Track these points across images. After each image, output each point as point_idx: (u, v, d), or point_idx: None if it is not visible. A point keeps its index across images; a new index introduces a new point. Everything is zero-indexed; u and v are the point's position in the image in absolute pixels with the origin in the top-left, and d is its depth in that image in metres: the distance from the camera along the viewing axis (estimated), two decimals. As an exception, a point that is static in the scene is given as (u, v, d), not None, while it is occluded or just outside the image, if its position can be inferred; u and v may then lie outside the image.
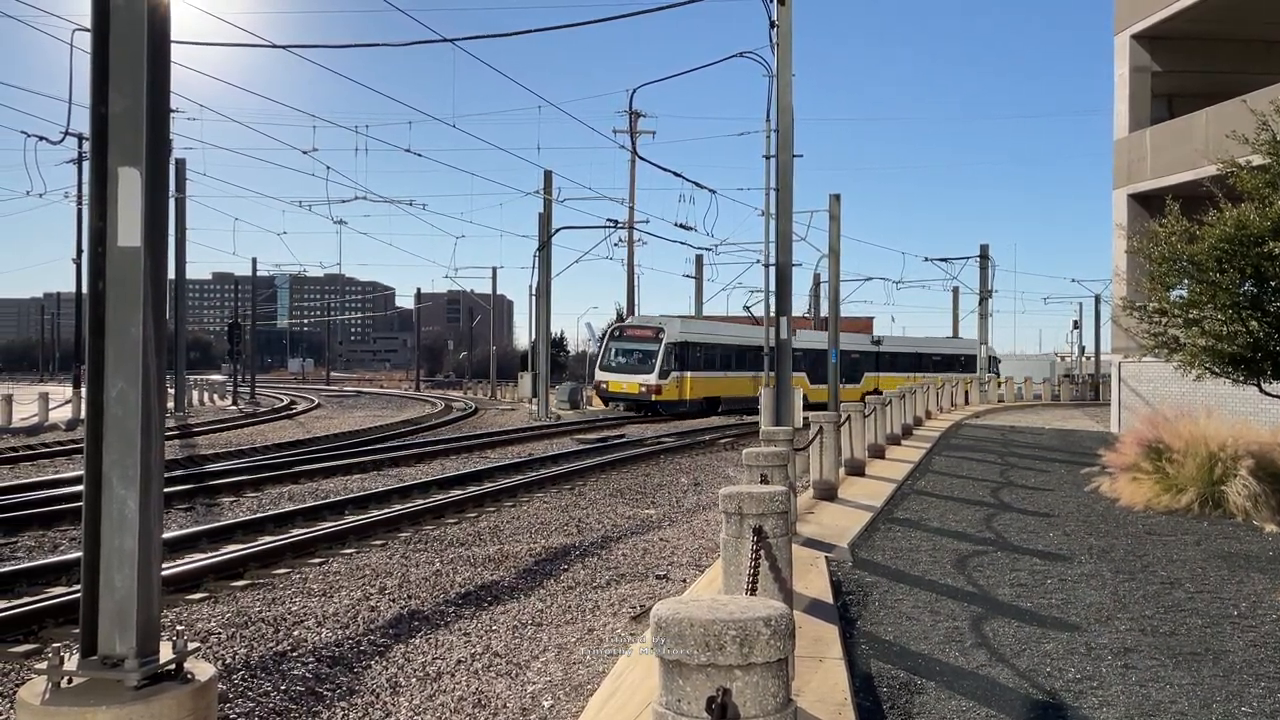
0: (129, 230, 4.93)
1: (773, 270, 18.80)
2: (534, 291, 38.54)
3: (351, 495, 14.23)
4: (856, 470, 13.34)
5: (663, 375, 35.85)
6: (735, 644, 1.85)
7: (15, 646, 6.91)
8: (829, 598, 6.40)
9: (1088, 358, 66.71)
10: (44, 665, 4.85)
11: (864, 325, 67.72)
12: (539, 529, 11.96)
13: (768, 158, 19.91)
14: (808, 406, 38.01)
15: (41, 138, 21.22)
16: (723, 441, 24.81)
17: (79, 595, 5.21)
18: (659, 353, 36.08)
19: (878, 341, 50.78)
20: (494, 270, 50.36)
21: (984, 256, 50.85)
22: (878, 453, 15.70)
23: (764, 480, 5.76)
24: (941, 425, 24.86)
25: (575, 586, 8.96)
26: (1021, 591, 6.98)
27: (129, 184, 4.93)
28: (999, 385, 45.34)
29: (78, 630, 5.18)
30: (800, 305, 56.20)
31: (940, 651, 5.45)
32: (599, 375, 38.02)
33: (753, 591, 3.05)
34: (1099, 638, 5.78)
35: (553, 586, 8.96)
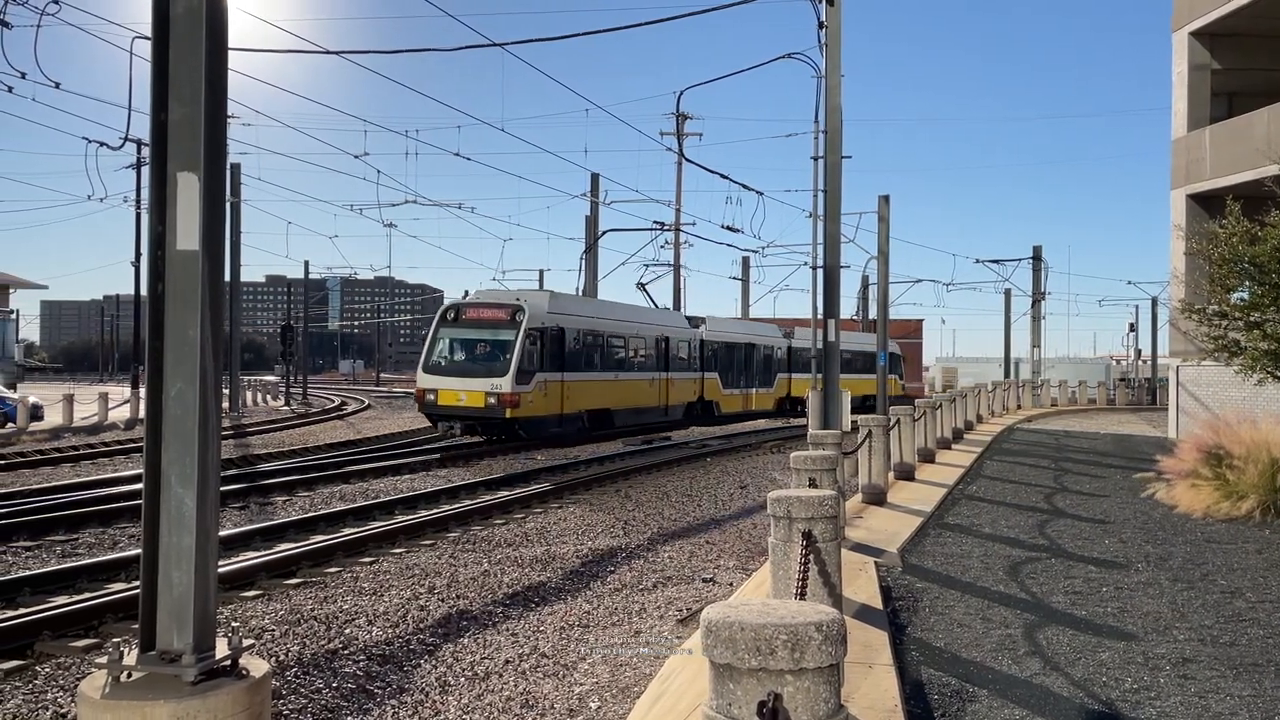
0: (187, 234, 5.04)
1: (820, 272, 18.66)
2: (581, 293, 38.18)
3: (401, 495, 14.39)
4: (906, 475, 13.19)
5: (522, 378, 22.70)
6: (786, 649, 1.84)
7: (76, 641, 7.08)
8: (878, 603, 6.34)
9: (1144, 361, 65.33)
10: (104, 660, 4.97)
11: (913, 328, 67.02)
12: (585, 530, 11.99)
13: (816, 159, 19.78)
14: (714, 417, 33.05)
15: (102, 144, 21.72)
16: (769, 444, 24.69)
17: (138, 591, 5.34)
18: (515, 344, 22.81)
19: (789, 334, 41.26)
20: (541, 273, 50.63)
21: (1037, 258, 50.06)
22: (927, 457, 15.51)
23: (812, 484, 5.72)
24: (993, 429, 24.50)
25: (622, 589, 8.97)
26: (1076, 599, 6.85)
27: (188, 189, 5.04)
28: (1048, 388, 44.14)
29: (136, 625, 5.30)
30: (848, 307, 55.35)
31: (993, 659, 5.36)
32: (422, 379, 23.66)
33: (802, 596, 3.02)
34: (1156, 647, 5.65)
35: (599, 588, 8.98)
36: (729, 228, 32.20)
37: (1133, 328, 67.58)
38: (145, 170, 35.88)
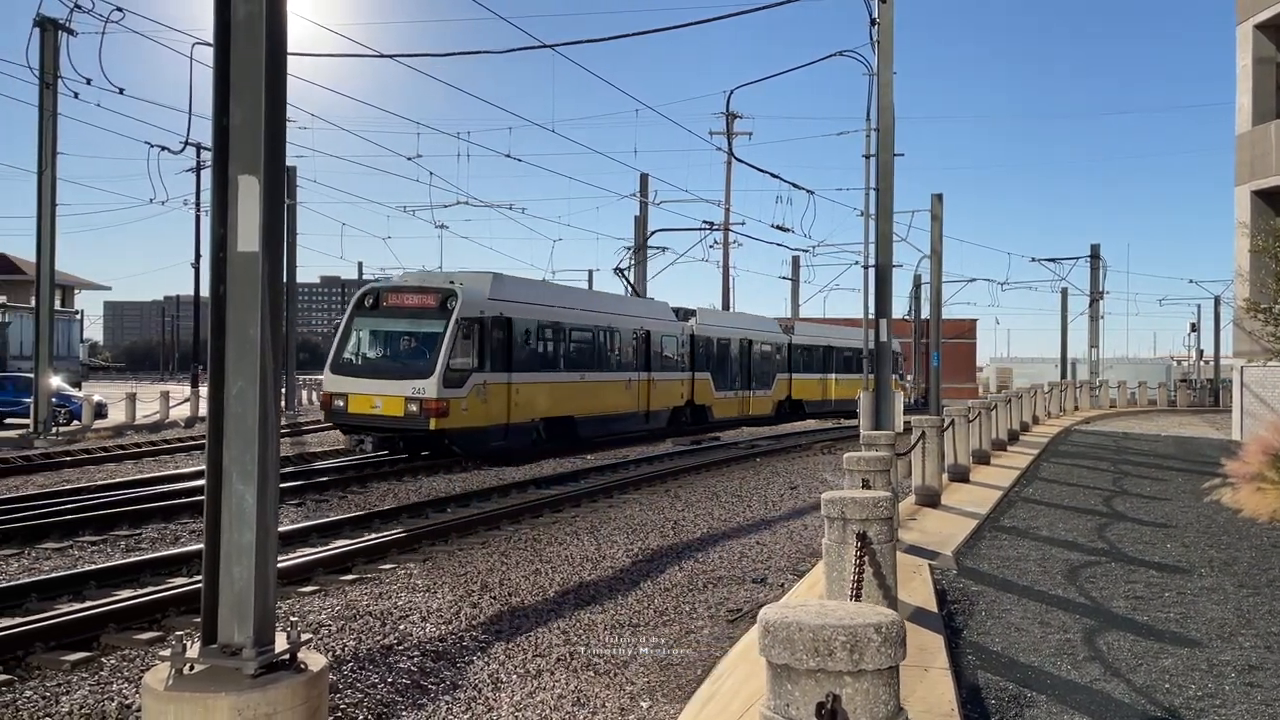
0: (248, 236, 5.14)
1: (872, 272, 18.49)
2: (629, 294, 38.10)
3: (453, 493, 14.53)
4: (960, 476, 13.01)
5: (452, 379, 18.51)
6: (845, 650, 1.82)
7: (140, 634, 7.25)
8: (933, 606, 6.26)
9: (1206, 362, 63.74)
10: (167, 653, 5.08)
11: (966, 327, 66.06)
12: (635, 530, 12.01)
13: (868, 157, 19.60)
14: (703, 420, 29.43)
15: (164, 148, 22.25)
16: (819, 445, 24.51)
17: (199, 585, 5.45)
18: (443, 337, 18.58)
19: (789, 329, 37.31)
20: (590, 273, 50.92)
21: (1095, 256, 49.11)
22: (982, 459, 15.29)
23: (865, 485, 5.67)
24: (1050, 431, 24.07)
25: (672, 588, 8.96)
26: (1137, 604, 6.70)
27: (248, 192, 5.14)
28: (1106, 389, 43.12)
29: (197, 619, 5.42)
30: (900, 307, 54.51)
31: (1051, 664, 5.27)
32: (329, 381, 19.42)
33: (857, 598, 3.00)
34: (1221, 654, 5.51)
35: (649, 588, 8.98)
36: (779, 227, 31.64)
37: (1194, 327, 65.98)
38: (205, 173, 36.54)
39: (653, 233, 38.22)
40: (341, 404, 18.85)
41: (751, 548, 10.98)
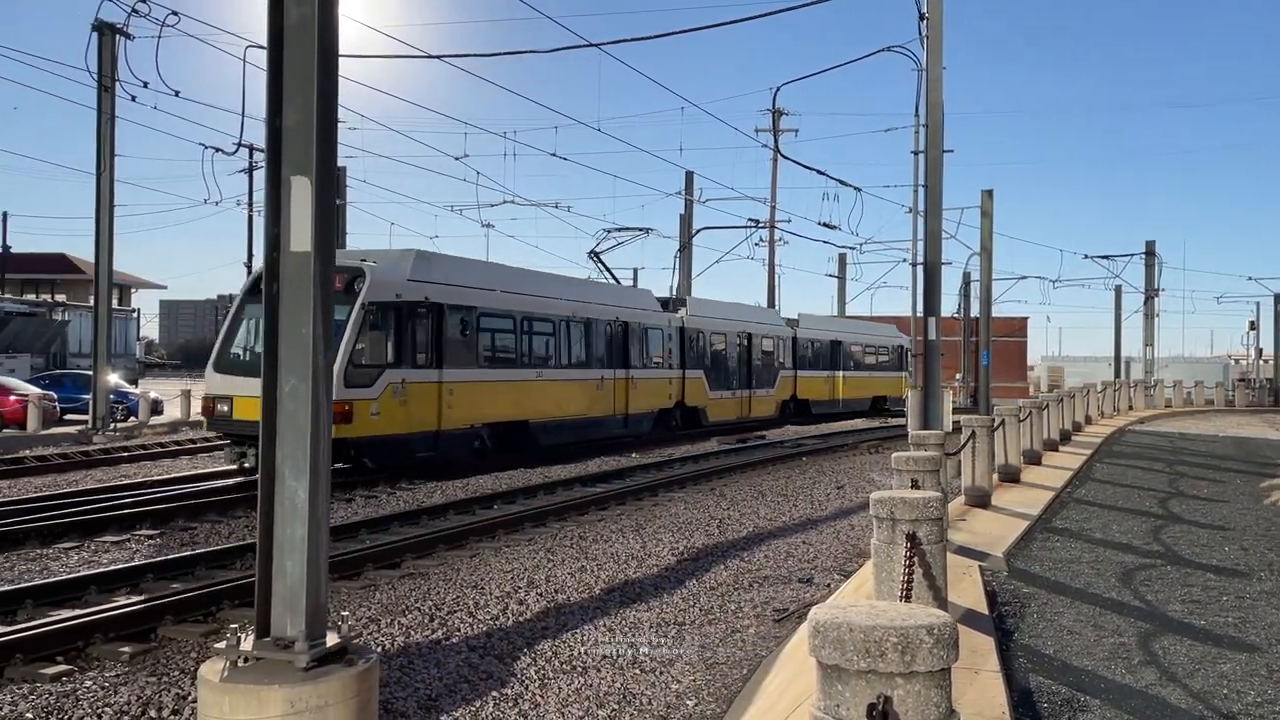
0: (300, 236, 5.22)
1: (920, 269, 18.29)
2: (674, 292, 38.01)
3: (499, 490, 14.64)
4: (1011, 477, 12.83)
5: (357, 379, 15.36)
6: (896, 651, 1.81)
7: (195, 625, 7.41)
8: (984, 608, 6.18)
9: (1266, 360, 62.16)
10: (222, 645, 5.18)
11: (1017, 326, 65.09)
12: (680, 528, 12.00)
13: (916, 154, 19.39)
14: (695, 424, 26.51)
15: (217, 149, 22.70)
16: (866, 444, 24.30)
17: (253, 578, 5.55)
18: (345, 326, 15.22)
19: (795, 323, 34.35)
20: (635, 271, 50.82)
21: (1150, 253, 48.13)
22: (1033, 459, 15.05)
23: (914, 485, 5.61)
24: (1103, 431, 23.64)
25: (717, 587, 8.94)
26: (1194, 608, 6.56)
27: (301, 192, 5.22)
28: (1161, 389, 42.11)
29: (250, 611, 5.52)
30: (949, 305, 53.70)
31: (1105, 668, 5.18)
32: (212, 381, 16.25)
33: (907, 599, 2.97)
34: (1283, 661, 5.37)
35: (695, 586, 8.97)
36: (826, 224, 31.29)
37: (1253, 325, 64.33)
38: (257, 174, 37.12)
39: (698, 231, 38.19)
40: (226, 409, 15.47)
41: (797, 547, 10.93)
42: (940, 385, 17.19)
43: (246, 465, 15.42)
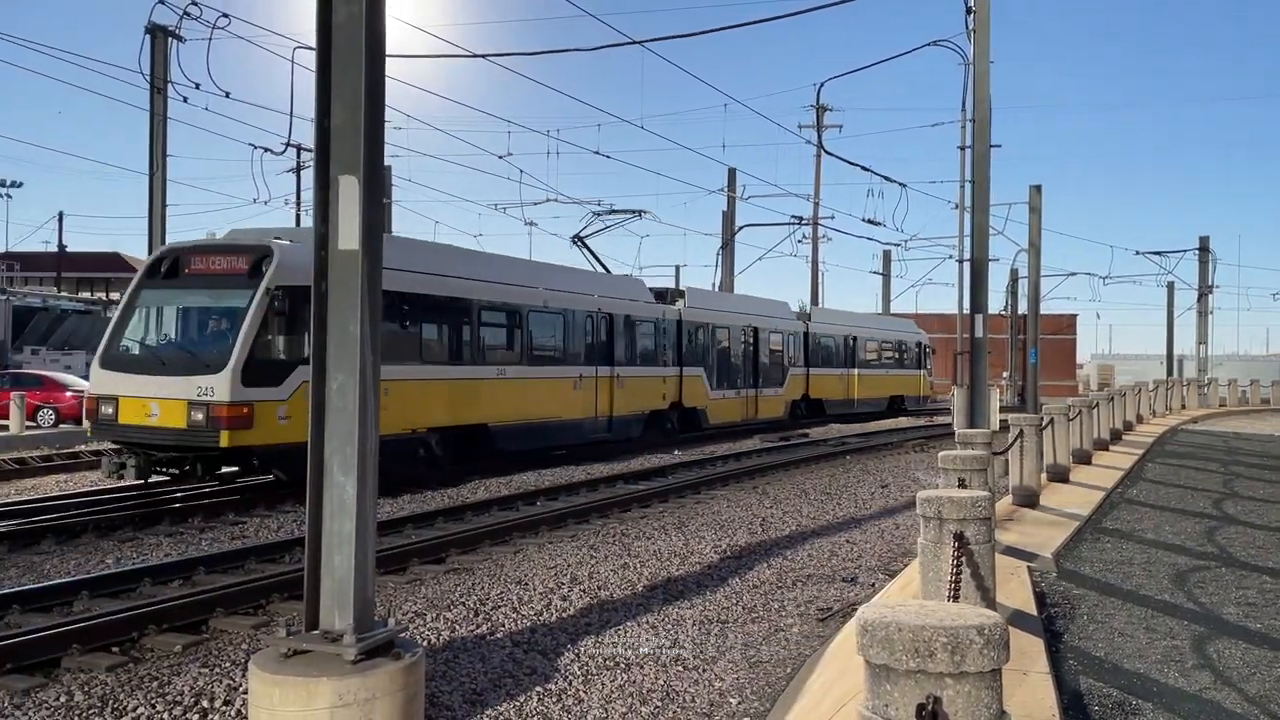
0: (348, 234, 5.28)
1: (967, 266, 18.07)
2: (717, 289, 37.82)
3: (542, 487, 14.72)
4: (1059, 476, 12.63)
5: (259, 376, 13.05)
6: (946, 651, 1.79)
7: (245, 618, 7.53)
8: (1032, 609, 6.10)
9: (1325, 359, 60.53)
10: (272, 637, 5.26)
11: (1066, 323, 64.08)
12: (723, 526, 11.98)
13: (963, 149, 19.17)
14: (694, 427, 24.30)
15: (266, 149, 23.06)
16: (910, 443, 24.07)
17: (300, 572, 5.63)
18: (247, 313, 13.14)
19: (806, 316, 31.90)
20: (676, 269, 50.88)
21: (1203, 249, 47.11)
22: (1083, 458, 14.81)
23: (961, 484, 5.55)
24: (1154, 430, 23.19)
25: (760, 586, 8.92)
26: (1250, 611, 6.42)
27: (349, 191, 5.28)
28: (1215, 387, 41.04)
29: (299, 604, 5.61)
30: (996, 302, 52.78)
31: (1157, 671, 5.08)
32: (97, 379, 13.82)
33: (955, 598, 2.94)
34: (1344, 667, 5.24)
35: (737, 585, 8.95)
36: (870, 221, 30.93)
37: (1313, 322, 62.74)
38: (305, 174, 37.48)
39: (740, 228, 38.04)
40: (111, 411, 13.16)
41: (841, 546, 10.86)
42: (987, 383, 16.97)
43: (124, 474, 13.03)
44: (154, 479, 13.45)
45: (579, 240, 24.07)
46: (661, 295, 24.01)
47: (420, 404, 15.47)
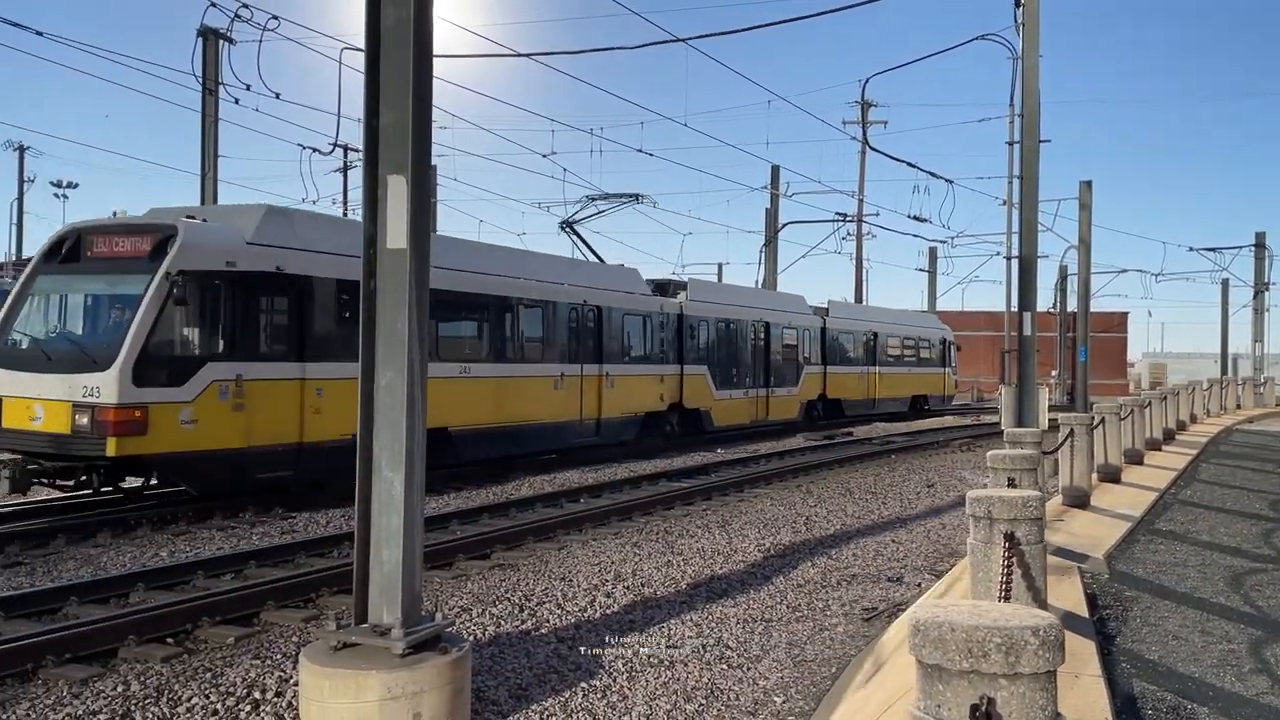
0: (396, 233, 5.34)
1: (1015, 263, 17.82)
2: (760, 287, 37.54)
3: (585, 484, 14.77)
4: (1111, 477, 12.42)
5: (155, 375, 11.17)
6: (1000, 652, 1.77)
7: (296, 611, 7.65)
8: (1083, 611, 6.00)
9: (1388, 357, 58.83)
10: (322, 630, 5.34)
11: (1116, 321, 62.94)
12: (767, 524, 11.94)
13: (1011, 144, 18.91)
14: (697, 429, 22.51)
15: (314, 149, 23.38)
16: (957, 442, 23.80)
17: (349, 566, 5.71)
18: (142, 301, 11.21)
19: (824, 311, 29.87)
20: (719, 266, 50.67)
21: (1259, 245, 46.03)
22: (1135, 458, 14.54)
23: (1011, 484, 5.48)
24: (1209, 430, 22.70)
25: (805, 584, 8.87)
26: (1310, 617, 6.26)
27: (397, 191, 5.34)
28: (1272, 386, 40.04)
29: (348, 598, 5.69)
30: (1044, 299, 51.87)
31: (1213, 675, 4.98)
32: None
33: (1006, 599, 2.90)
34: None
35: (781, 583, 8.92)
36: (916, 217, 30.58)
37: (1375, 320, 61.04)
38: (352, 173, 37.77)
39: (783, 225, 37.83)
40: None
41: (886, 546, 10.77)
42: (1035, 382, 16.72)
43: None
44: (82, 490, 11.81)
45: (568, 226, 22.08)
46: (662, 288, 22.61)
47: (280, 412, 12.67)
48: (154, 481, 12.51)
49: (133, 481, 12.41)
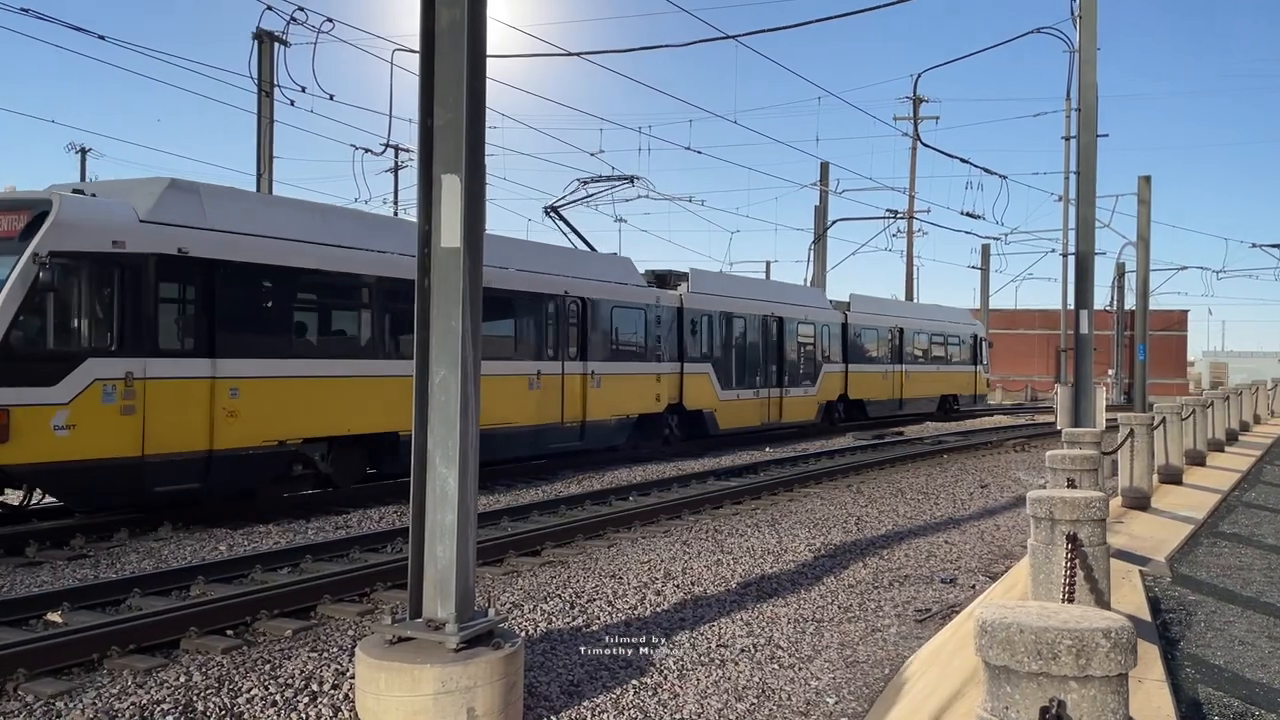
0: (450, 232, 5.39)
1: (1071, 260, 17.49)
2: (809, 284, 37.28)
3: (634, 482, 14.79)
4: (1172, 478, 12.14)
5: (24, 371, 9.77)
6: (1071, 654, 1.73)
7: (351, 604, 7.76)
8: (1146, 614, 5.87)
9: None
10: (378, 624, 5.40)
11: (1176, 320, 61.55)
12: (817, 524, 11.86)
13: (1067, 139, 18.57)
14: (700, 432, 21.01)
15: (366, 150, 23.68)
16: (1010, 442, 23.42)
17: (402, 561, 5.78)
18: (3, 288, 9.71)
19: (845, 307, 28.17)
20: (767, 264, 50.32)
21: (1327, 240, 44.67)
22: (1196, 460, 14.20)
23: (1071, 484, 5.38)
24: (1273, 431, 22.11)
25: (856, 585, 8.80)
26: (1384, 624, 6.06)
27: (451, 190, 5.39)
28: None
29: (401, 592, 5.75)
30: (1101, 297, 50.77)
31: (1283, 683, 4.84)
32: None
33: (1069, 601, 2.85)
34: None
35: (832, 583, 8.85)
36: (969, 214, 30.06)
37: None
38: (403, 174, 38.08)
39: (833, 222, 37.55)
40: None
41: (939, 547, 10.64)
42: (1092, 381, 16.41)
43: None
44: None
45: (553, 211, 20.15)
46: (662, 279, 20.97)
47: (294, 409, 12.11)
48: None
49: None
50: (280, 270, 12.13)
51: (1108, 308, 48.38)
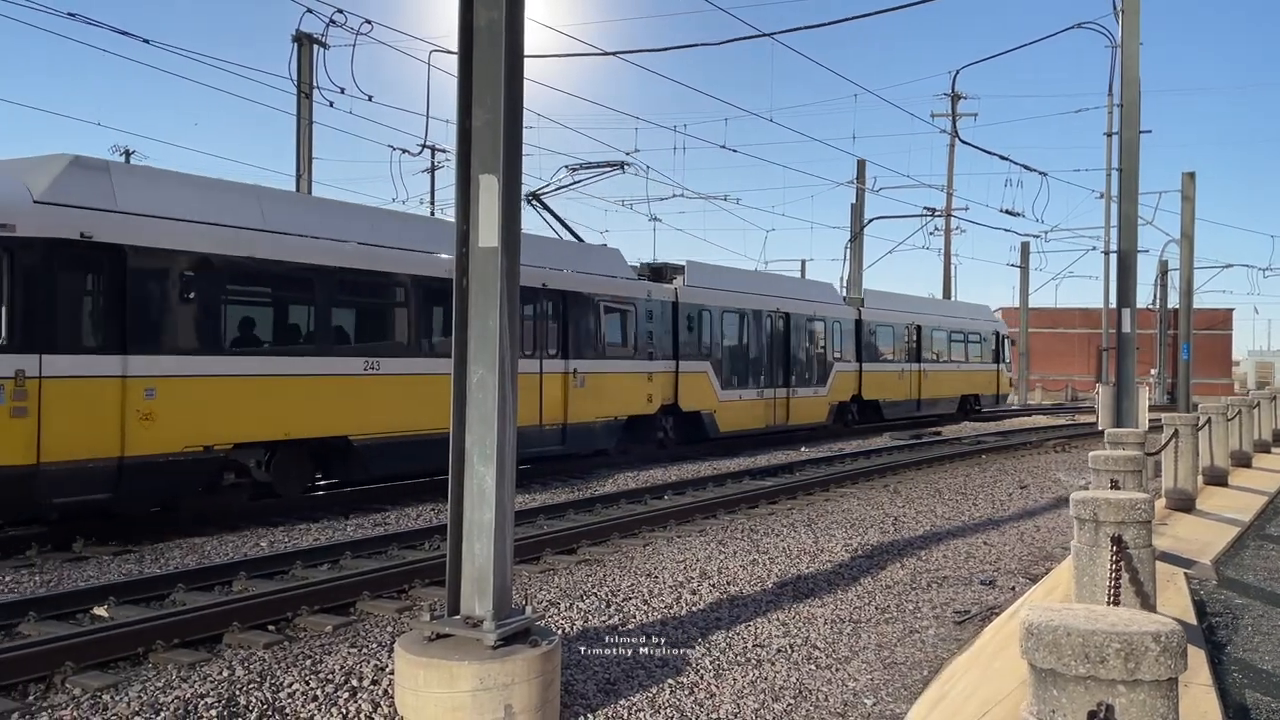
0: (488, 232, 5.42)
1: (1114, 257, 17.23)
2: (845, 284, 37.08)
3: (670, 481, 14.78)
4: (1217, 479, 11.93)
5: None
6: (1119, 658, 1.71)
7: (390, 601, 7.83)
8: (1191, 618, 5.78)
9: None
10: (417, 621, 5.45)
11: (1220, 318, 60.45)
12: (853, 524, 11.78)
13: (1109, 135, 18.29)
14: (699, 435, 19.86)
15: (403, 150, 23.87)
16: (1050, 442, 23.13)
17: (440, 558, 5.82)
18: None
19: (859, 302, 27.01)
20: (803, 263, 50.08)
21: (1378, 237, 43.69)
22: (1242, 461, 13.95)
23: (1114, 485, 5.30)
24: (1321, 432, 21.63)
25: (893, 586, 8.73)
26: None
27: (488, 190, 5.41)
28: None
29: (439, 589, 5.83)
30: (1144, 295, 49.92)
31: (1334, 690, 4.74)
32: None
33: (1115, 603, 2.81)
34: None
35: (869, 584, 8.79)
36: (1009, 212, 29.65)
37: None
38: (439, 174, 38.27)
39: (869, 220, 37.26)
40: None
41: (978, 548, 10.53)
42: (1135, 381, 16.15)
43: None
44: None
45: (535, 199, 18.67)
46: (658, 272, 19.76)
47: (219, 410, 10.95)
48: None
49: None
50: (205, 258, 10.92)
51: (1150, 306, 47.59)
